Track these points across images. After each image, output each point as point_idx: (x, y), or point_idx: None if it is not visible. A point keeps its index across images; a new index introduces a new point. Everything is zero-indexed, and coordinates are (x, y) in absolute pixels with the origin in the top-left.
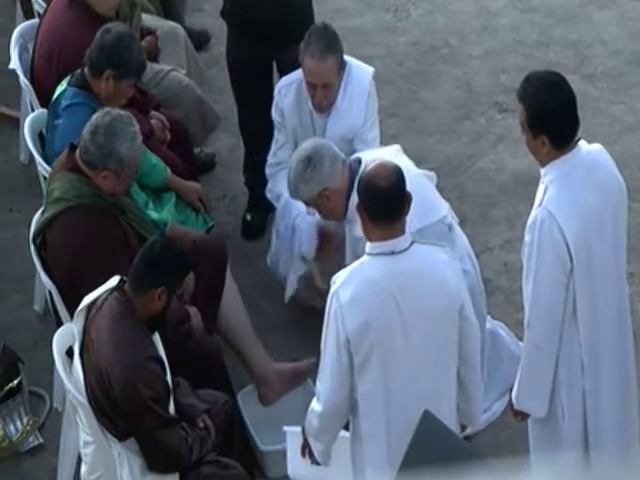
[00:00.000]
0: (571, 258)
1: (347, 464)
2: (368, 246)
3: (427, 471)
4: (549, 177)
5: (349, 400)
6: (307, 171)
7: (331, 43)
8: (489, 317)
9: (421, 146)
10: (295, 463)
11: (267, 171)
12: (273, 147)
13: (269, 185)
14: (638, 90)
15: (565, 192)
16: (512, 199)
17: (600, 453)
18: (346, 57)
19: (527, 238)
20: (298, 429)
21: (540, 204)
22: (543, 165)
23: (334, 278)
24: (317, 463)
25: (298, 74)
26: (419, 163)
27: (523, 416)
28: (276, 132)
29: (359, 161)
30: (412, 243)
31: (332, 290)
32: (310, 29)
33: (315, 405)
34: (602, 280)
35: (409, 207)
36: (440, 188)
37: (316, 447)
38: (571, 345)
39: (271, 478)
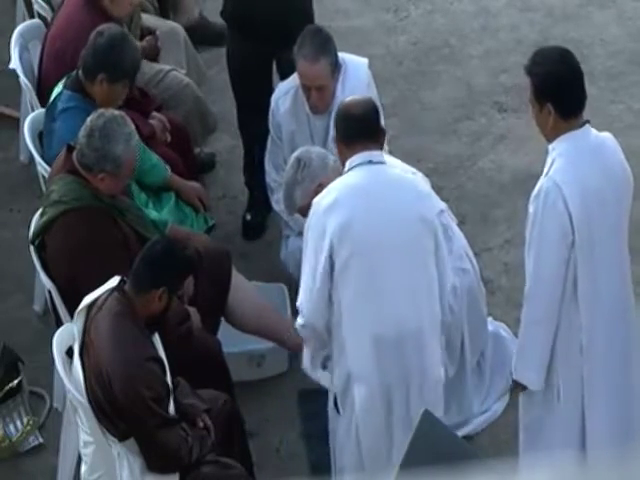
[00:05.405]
0: (573, 231)
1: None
2: (347, 165)
3: (427, 471)
4: (557, 151)
5: (328, 310)
6: (298, 172)
7: (324, 45)
8: (490, 318)
9: (421, 146)
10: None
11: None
12: (274, 160)
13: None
14: (638, 90)
15: (571, 166)
16: (512, 199)
17: (596, 438)
18: (340, 53)
19: (531, 209)
20: None
21: (546, 174)
22: (550, 140)
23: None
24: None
25: (294, 80)
26: (419, 163)
27: (521, 388)
28: (272, 146)
29: None
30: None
31: (313, 204)
32: (303, 31)
33: (299, 320)
34: (603, 263)
35: (383, 138)
36: (440, 188)
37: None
38: (570, 325)
39: None
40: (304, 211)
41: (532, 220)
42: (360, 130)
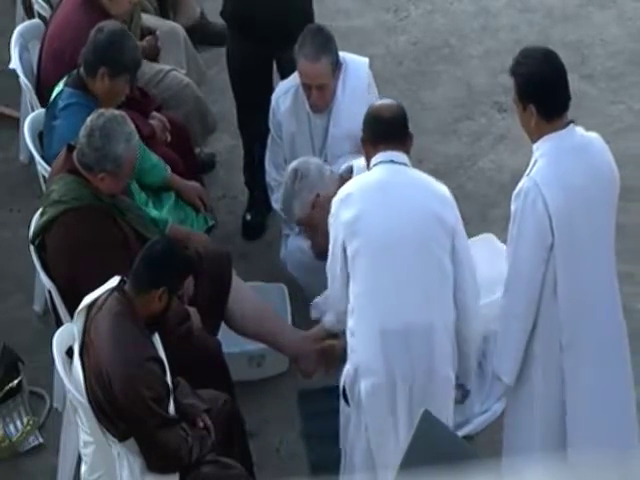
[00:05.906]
0: (552, 232)
1: None
2: (371, 164)
3: (427, 471)
4: (540, 151)
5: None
6: (296, 182)
7: (325, 44)
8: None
9: (421, 146)
10: None
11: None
12: (274, 159)
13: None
14: (638, 90)
15: (553, 166)
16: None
17: (577, 437)
18: (341, 53)
19: (512, 208)
20: None
21: (528, 174)
22: (534, 141)
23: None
24: None
25: (295, 79)
26: (419, 163)
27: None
28: (273, 145)
29: (351, 170)
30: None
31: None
32: (304, 30)
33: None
34: (587, 262)
35: (411, 143)
36: None
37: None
38: (550, 323)
39: None
40: (303, 222)
41: (513, 218)
42: (388, 133)
